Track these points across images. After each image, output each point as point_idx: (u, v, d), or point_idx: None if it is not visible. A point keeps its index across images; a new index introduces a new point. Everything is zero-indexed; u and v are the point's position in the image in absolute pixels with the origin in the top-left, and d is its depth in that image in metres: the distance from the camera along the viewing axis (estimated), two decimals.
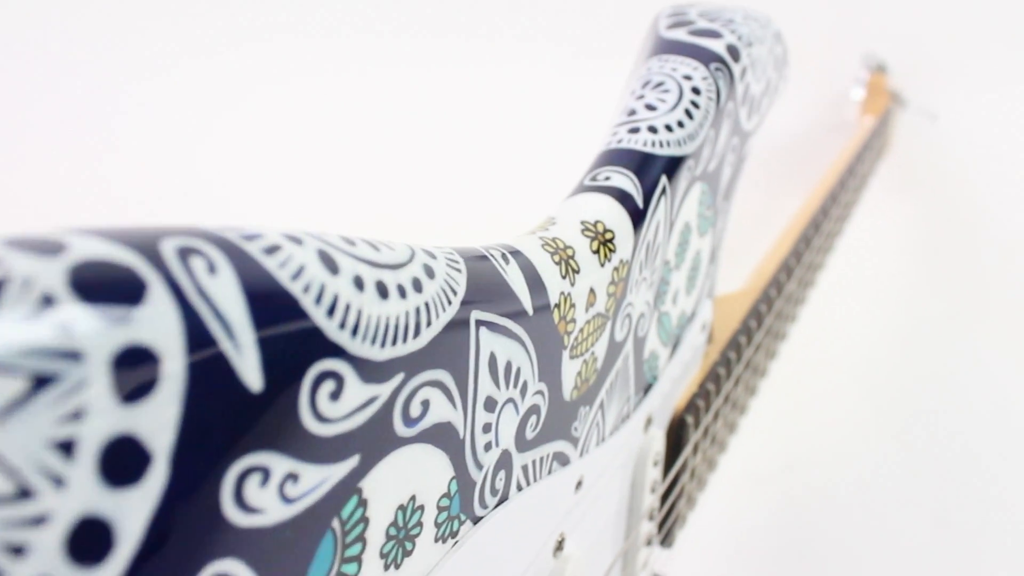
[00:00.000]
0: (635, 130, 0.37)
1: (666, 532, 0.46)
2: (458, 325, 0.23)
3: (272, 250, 0.18)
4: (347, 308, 0.19)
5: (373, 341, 0.20)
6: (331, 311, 0.19)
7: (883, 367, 0.81)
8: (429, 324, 0.22)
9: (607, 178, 0.34)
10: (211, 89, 1.13)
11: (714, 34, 0.42)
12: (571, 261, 0.30)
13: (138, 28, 1.14)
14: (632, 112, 0.38)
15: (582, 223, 0.32)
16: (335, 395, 0.19)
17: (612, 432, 0.36)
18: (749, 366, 0.52)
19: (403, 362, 0.21)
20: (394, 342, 0.21)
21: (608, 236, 0.32)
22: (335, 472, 0.20)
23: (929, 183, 1.04)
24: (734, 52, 0.41)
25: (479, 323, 0.24)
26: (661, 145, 0.36)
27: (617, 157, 0.35)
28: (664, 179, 0.36)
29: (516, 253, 0.28)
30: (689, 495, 0.47)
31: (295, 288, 0.18)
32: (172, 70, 1.13)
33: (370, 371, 0.20)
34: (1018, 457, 0.77)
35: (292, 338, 0.18)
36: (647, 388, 0.40)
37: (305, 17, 1.15)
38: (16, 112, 1.10)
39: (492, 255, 0.27)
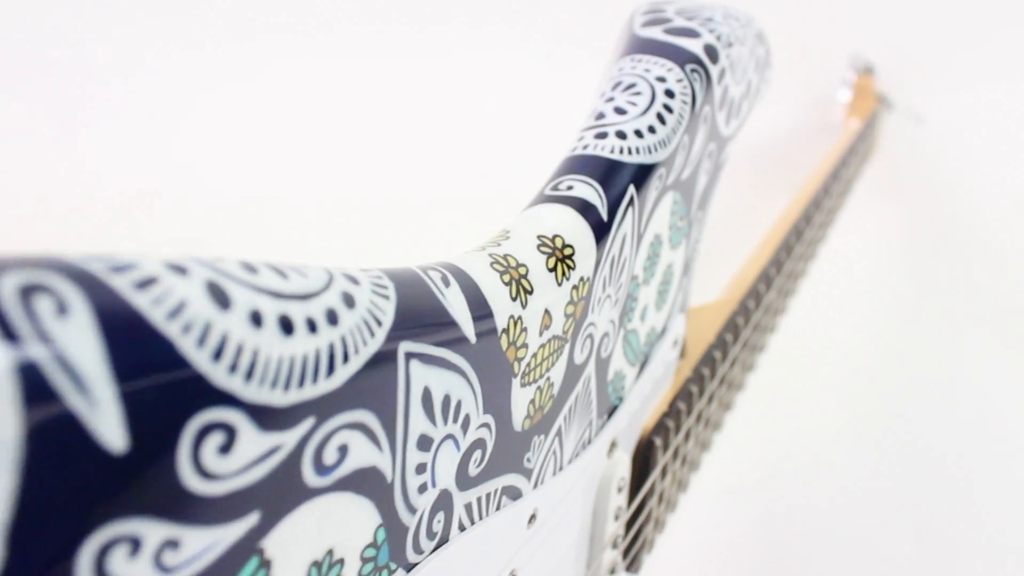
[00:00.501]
0: (602, 135, 0.34)
1: (632, 558, 0.44)
2: (383, 360, 0.21)
3: (146, 284, 0.15)
4: (239, 349, 0.16)
5: (274, 384, 0.17)
6: (218, 354, 0.16)
7: (865, 375, 0.79)
8: (346, 361, 0.19)
9: (569, 187, 0.32)
10: (209, 88, 1.10)
11: (691, 33, 0.39)
12: (523, 281, 0.28)
13: (103, 27, 1.11)
14: (600, 116, 0.35)
15: (539, 238, 0.30)
16: (225, 448, 0.17)
17: (572, 459, 0.34)
18: (724, 382, 0.49)
19: (313, 405, 0.18)
20: (301, 384, 0.18)
21: (567, 252, 0.30)
22: (228, 534, 0.17)
23: (915, 187, 1.01)
24: (712, 53, 0.39)
25: (410, 356, 0.22)
26: (630, 152, 0.34)
27: (581, 164, 0.33)
28: (632, 189, 0.33)
29: (459, 274, 0.25)
30: (658, 519, 0.45)
31: (172, 329, 0.15)
32: (137, 70, 1.10)
33: (270, 418, 0.17)
34: (1000, 465, 0.76)
35: (166, 388, 0.15)
36: (612, 410, 0.38)
37: (289, 9, 1.12)
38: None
39: (430, 277, 0.24)
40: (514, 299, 0.27)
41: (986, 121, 1.06)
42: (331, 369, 0.19)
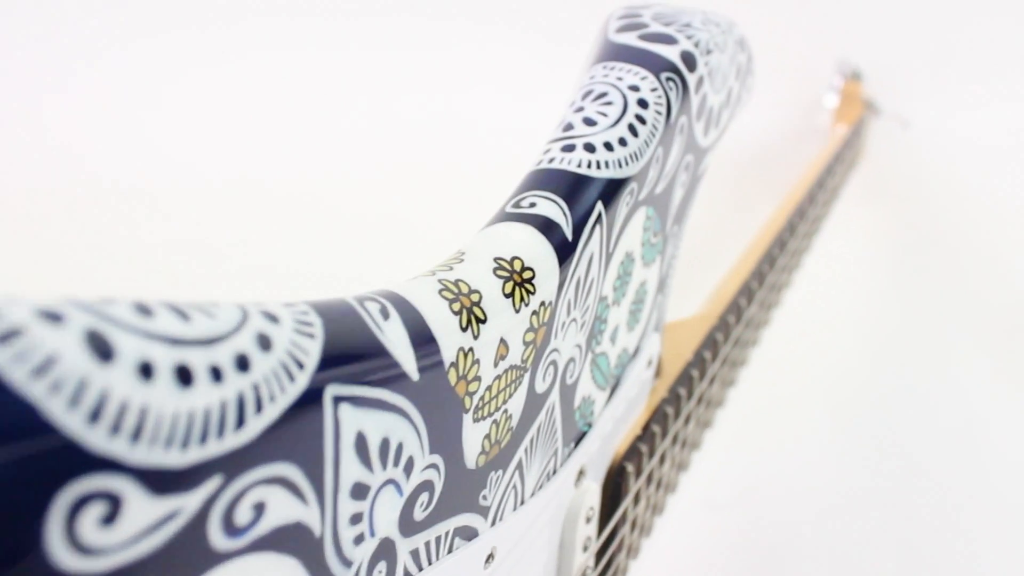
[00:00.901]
0: (569, 148, 0.32)
1: None
2: (305, 406, 0.19)
3: (7, 337, 0.13)
4: (123, 407, 0.14)
5: (168, 444, 0.15)
6: (95, 415, 0.14)
7: (850, 387, 0.77)
8: (259, 411, 0.17)
9: (532, 204, 0.30)
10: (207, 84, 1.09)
11: (668, 39, 0.37)
12: (476, 309, 0.26)
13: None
14: (568, 127, 0.33)
15: (496, 260, 0.28)
16: (109, 519, 0.14)
17: (535, 492, 0.32)
18: (703, 400, 0.47)
19: (219, 463, 0.16)
20: (203, 440, 0.16)
21: (526, 275, 0.28)
22: None
23: (901, 193, 1.00)
24: (689, 60, 0.37)
25: (339, 399, 0.20)
26: (598, 166, 0.32)
27: (546, 179, 0.31)
28: (600, 206, 0.31)
29: (401, 304, 0.23)
30: (631, 546, 0.43)
31: (37, 389, 0.13)
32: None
33: (165, 482, 0.15)
34: (987, 477, 0.74)
35: (27, 460, 0.13)
36: (580, 437, 0.36)
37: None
38: None
39: (366, 310, 0.22)
40: (464, 329, 0.25)
41: (976, 126, 1.05)
42: (240, 421, 0.17)
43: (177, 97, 1.08)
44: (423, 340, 0.23)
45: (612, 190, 0.32)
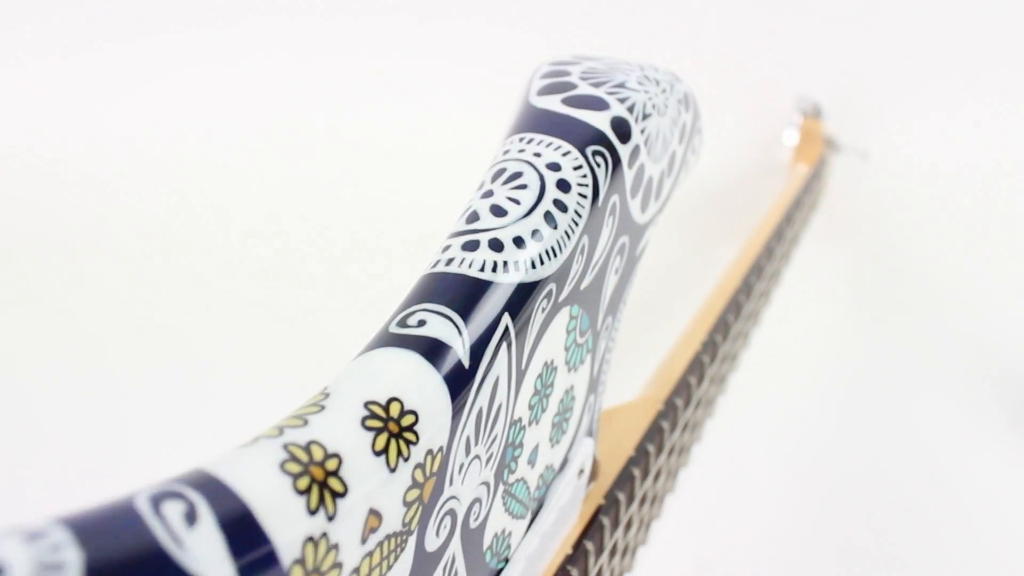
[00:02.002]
0: (472, 245, 0.27)
1: None
2: None
3: None
4: None
5: None
6: None
7: (812, 454, 0.72)
8: None
9: (420, 322, 0.24)
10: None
11: (597, 104, 0.32)
12: (332, 480, 0.20)
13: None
14: (473, 217, 0.28)
15: (367, 407, 0.22)
16: None
17: None
18: (647, 500, 0.42)
19: None
20: None
21: (406, 422, 0.22)
22: None
23: (864, 237, 0.96)
24: (622, 129, 0.32)
25: None
26: (505, 268, 0.26)
27: (440, 288, 0.25)
28: (506, 318, 0.26)
29: (219, 496, 0.18)
30: None
31: None
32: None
33: None
34: (960, 515, 0.69)
35: None
36: (496, 574, 0.30)
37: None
38: None
39: (162, 518, 0.16)
40: (315, 512, 0.19)
41: (938, 161, 1.02)
42: None
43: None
44: (249, 543, 0.18)
45: (523, 297, 0.27)
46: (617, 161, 0.31)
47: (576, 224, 0.29)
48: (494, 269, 0.26)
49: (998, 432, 0.79)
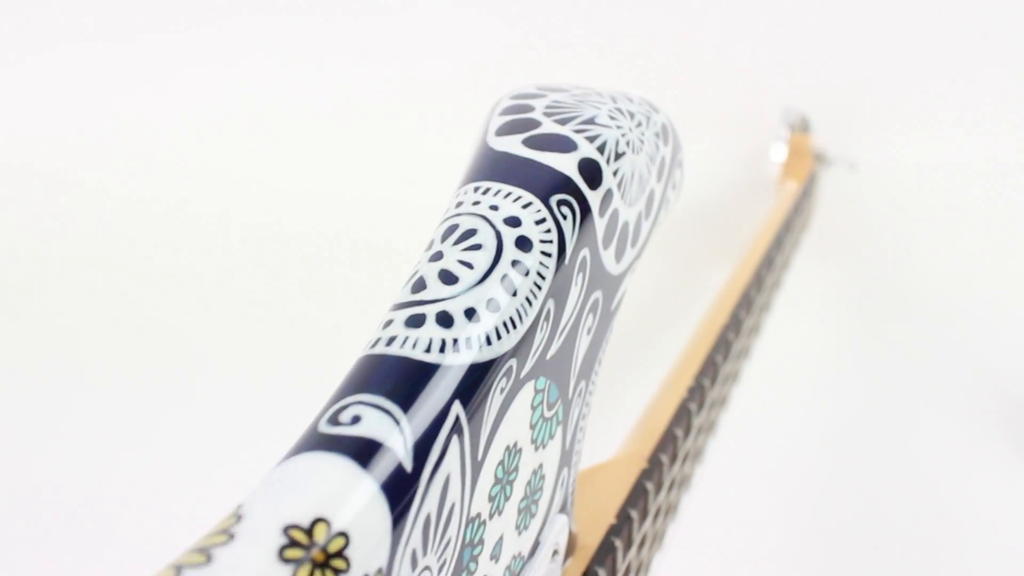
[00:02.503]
0: (417, 320, 0.23)
1: None
2: None
3: None
4: None
5: None
6: None
7: (813, 501, 0.69)
8: None
9: (354, 419, 0.21)
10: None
11: (563, 145, 0.28)
12: None
13: None
14: (420, 285, 0.24)
15: (286, 532, 0.18)
16: None
17: None
18: (631, 572, 0.39)
19: None
20: None
21: (335, 547, 0.19)
22: None
23: (854, 253, 0.93)
24: (591, 173, 0.28)
25: None
26: (456, 347, 0.23)
27: (379, 375, 0.22)
28: (457, 407, 0.22)
29: None
30: None
31: None
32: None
33: None
34: (961, 549, 0.66)
35: None
36: None
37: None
38: None
39: None
40: None
41: (930, 170, 0.99)
42: None
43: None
44: None
45: (476, 379, 0.23)
46: (586, 210, 0.28)
47: (539, 288, 0.25)
48: (442, 349, 0.23)
49: (999, 455, 0.75)
